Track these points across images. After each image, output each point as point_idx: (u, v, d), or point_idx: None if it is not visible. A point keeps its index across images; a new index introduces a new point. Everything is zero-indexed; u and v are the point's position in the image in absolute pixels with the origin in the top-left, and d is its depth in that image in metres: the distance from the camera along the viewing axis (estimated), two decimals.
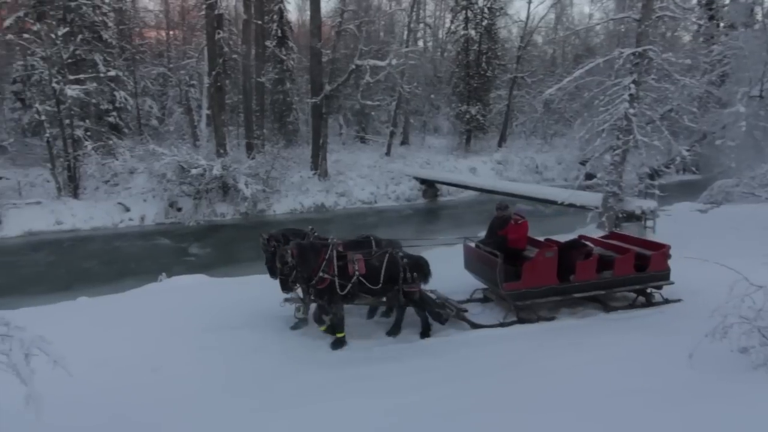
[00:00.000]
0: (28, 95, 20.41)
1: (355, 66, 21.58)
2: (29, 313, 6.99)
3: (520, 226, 7.40)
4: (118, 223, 18.00)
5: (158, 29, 31.34)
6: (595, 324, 7.12)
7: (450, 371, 5.60)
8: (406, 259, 6.59)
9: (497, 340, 6.65)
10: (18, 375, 3.41)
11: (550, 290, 7.08)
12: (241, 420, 4.49)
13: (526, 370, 5.50)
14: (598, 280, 7.26)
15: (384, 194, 22.88)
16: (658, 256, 7.45)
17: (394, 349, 6.43)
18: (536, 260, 6.99)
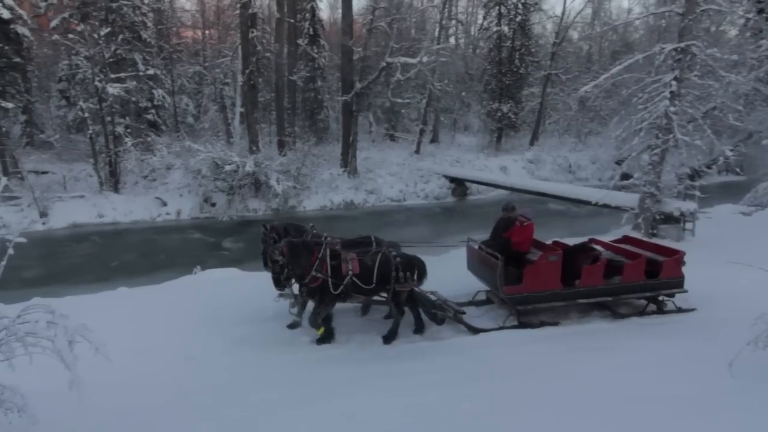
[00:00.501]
0: (72, 93, 21.32)
1: (386, 63, 21.57)
2: (73, 302, 7.29)
3: (525, 228, 7.17)
4: (156, 217, 18.62)
5: (194, 29, 32.19)
6: (627, 328, 6.90)
7: (473, 371, 5.54)
8: (399, 259, 6.49)
9: (524, 341, 6.53)
10: (62, 360, 3.56)
11: (554, 295, 6.87)
12: (264, 412, 4.56)
13: (554, 373, 5.35)
14: (606, 285, 7.01)
15: (413, 192, 22.83)
16: (671, 262, 7.13)
17: (418, 347, 6.43)
18: (539, 264, 6.81)
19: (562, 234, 14.95)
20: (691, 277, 7.26)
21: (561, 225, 17.85)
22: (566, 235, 14.64)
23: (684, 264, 7.16)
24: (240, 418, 4.41)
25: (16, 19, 18.12)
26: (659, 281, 7.10)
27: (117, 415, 4.42)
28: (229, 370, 5.71)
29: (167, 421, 4.39)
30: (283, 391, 5.01)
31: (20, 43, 18.90)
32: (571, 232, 15.66)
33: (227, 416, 4.47)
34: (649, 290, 7.19)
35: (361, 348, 6.50)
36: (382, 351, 6.41)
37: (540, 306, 7.04)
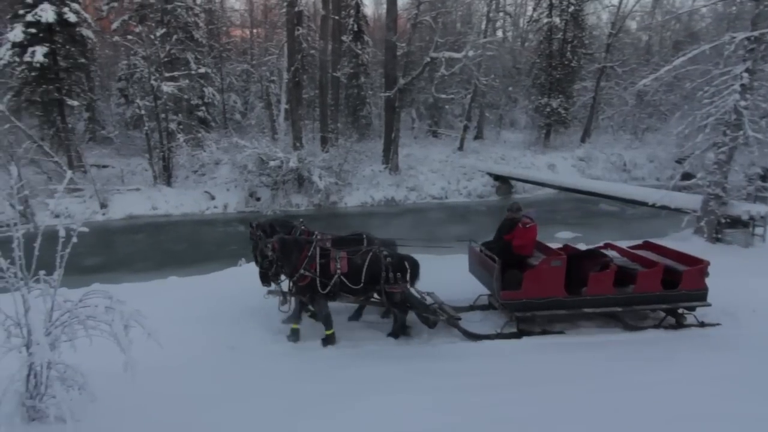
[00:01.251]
0: (130, 92, 22.37)
1: (430, 59, 21.27)
2: (128, 289, 7.61)
3: (527, 230, 6.83)
4: (205, 210, 19.25)
5: (243, 28, 33.07)
6: (686, 338, 6.50)
7: (518, 375, 5.37)
8: (390, 259, 6.27)
9: (572, 348, 6.27)
10: (118, 343, 3.74)
11: (556, 303, 6.47)
12: (303, 404, 4.58)
13: (607, 382, 5.08)
14: (615, 295, 6.56)
15: (455, 190, 22.43)
16: (693, 272, 6.59)
17: (457, 347, 6.34)
18: (540, 269, 6.44)
19: (614, 236, 14.26)
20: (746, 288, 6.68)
21: (613, 227, 17.07)
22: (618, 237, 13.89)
23: (708, 275, 6.61)
24: (278, 410, 4.44)
25: (81, 22, 19.13)
26: (678, 293, 6.59)
27: (165, 397, 4.62)
28: (270, 361, 5.87)
29: (209, 406, 4.52)
30: (321, 385, 5.07)
31: (85, 44, 19.96)
32: (623, 235, 14.89)
33: (266, 406, 4.53)
34: (665, 302, 6.70)
35: (398, 345, 6.49)
36: (420, 349, 6.34)
37: (540, 314, 6.66)
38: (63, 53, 18.64)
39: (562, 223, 17.76)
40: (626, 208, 19.12)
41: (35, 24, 17.38)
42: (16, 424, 3.59)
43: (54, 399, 3.71)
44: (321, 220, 18.65)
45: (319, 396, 4.75)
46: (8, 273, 3.76)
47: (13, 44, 17.36)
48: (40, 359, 3.71)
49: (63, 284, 4.11)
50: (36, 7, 17.39)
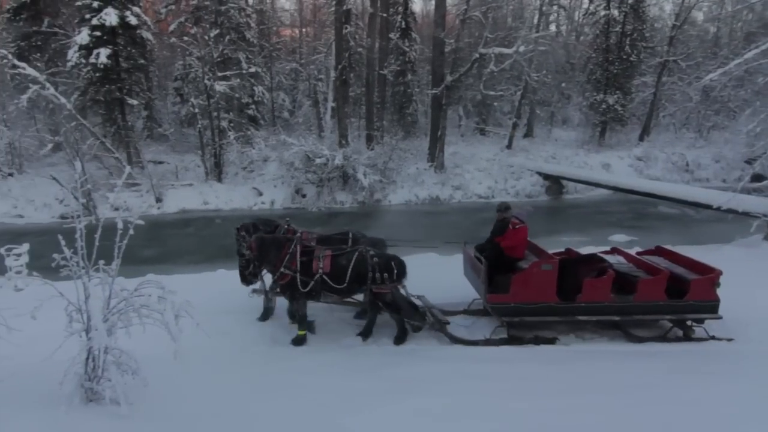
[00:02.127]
0: (185, 91, 23.26)
1: (479, 55, 20.79)
2: (179, 280, 7.92)
3: (516, 232, 6.62)
4: (253, 206, 19.74)
5: (292, 27, 33.72)
6: (748, 349, 6.03)
7: (564, 383, 5.13)
8: (377, 259, 6.13)
9: (621, 357, 5.97)
10: (169, 332, 3.84)
11: (547, 309, 6.18)
12: (350, 400, 4.57)
13: (659, 395, 4.74)
14: (613, 303, 6.22)
15: (502, 189, 21.85)
16: (702, 282, 6.19)
17: (501, 351, 6.19)
18: (529, 272, 6.19)
19: (673, 241, 13.43)
20: None
21: (672, 231, 16.13)
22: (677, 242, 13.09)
23: (719, 285, 6.20)
24: (323, 404, 4.46)
25: (141, 25, 20.08)
26: (685, 303, 6.21)
27: (213, 386, 4.78)
28: (313, 356, 5.96)
29: (254, 397, 4.60)
30: (364, 382, 5.06)
31: (144, 46, 20.94)
32: (683, 239, 14.05)
33: (311, 400, 4.55)
34: (670, 312, 6.32)
35: (440, 345, 6.41)
36: (463, 351, 6.22)
37: (530, 319, 6.33)
38: (124, 55, 19.64)
39: (617, 226, 16.99)
40: (688, 211, 18.01)
41: (100, 27, 18.38)
42: (75, 403, 3.75)
43: (110, 382, 3.85)
44: (364, 218, 18.71)
45: (362, 393, 4.74)
46: (71, 262, 3.93)
47: (80, 47, 18.44)
48: (98, 344, 3.85)
49: (120, 274, 4.27)
50: (101, 11, 18.39)
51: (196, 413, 4.16)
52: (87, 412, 3.79)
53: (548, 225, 18.25)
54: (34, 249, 8.44)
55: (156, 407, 4.07)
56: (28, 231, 15.45)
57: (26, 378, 4.25)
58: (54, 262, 3.93)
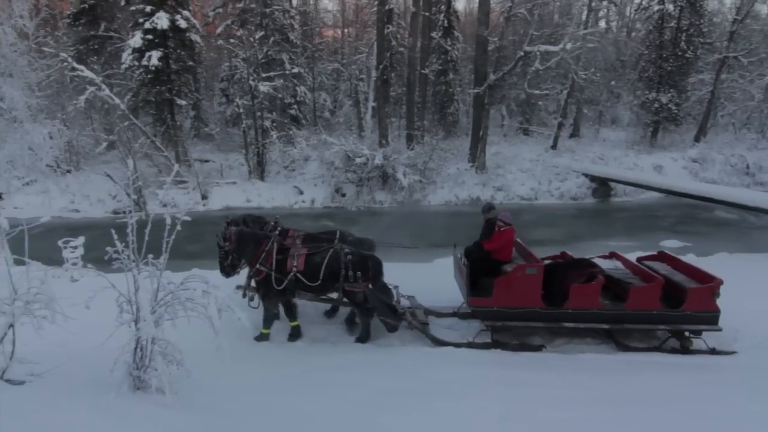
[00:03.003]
0: (231, 91, 23.93)
1: (524, 53, 20.26)
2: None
3: (501, 234, 6.50)
4: (293, 204, 20.04)
5: (335, 28, 34.06)
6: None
7: (613, 393, 4.94)
8: (350, 257, 6.07)
9: (678, 369, 5.72)
10: (212, 326, 3.91)
11: (532, 314, 6.00)
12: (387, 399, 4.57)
13: (725, 412, 4.42)
14: (602, 310, 5.98)
15: (546, 191, 21.21)
16: (700, 291, 5.90)
17: (544, 358, 6.05)
18: (512, 276, 6.05)
19: (730, 248, 12.66)
20: None
21: (729, 237, 15.25)
22: (735, 249, 12.27)
23: (719, 295, 5.92)
24: (361, 402, 4.47)
25: (190, 28, 20.79)
26: (681, 313, 5.93)
27: (253, 379, 4.89)
28: (350, 354, 6.01)
29: (293, 392, 4.67)
30: (402, 382, 5.04)
31: (193, 48, 21.66)
32: (742, 247, 13.23)
33: (349, 398, 4.57)
34: (664, 322, 6.03)
35: (478, 349, 6.29)
36: (500, 356, 6.09)
37: (513, 324, 6.11)
38: (174, 57, 20.39)
39: (669, 231, 16.22)
40: (748, 217, 16.95)
41: (152, 31, 19.16)
42: (123, 390, 3.87)
43: (156, 372, 3.94)
44: (403, 218, 18.60)
45: (400, 393, 4.72)
46: (123, 255, 4.04)
47: (133, 50, 19.28)
48: (146, 334, 3.94)
49: (167, 268, 4.37)
50: (153, 15, 19.18)
51: (235, 406, 4.23)
52: (134, 399, 3.90)
53: (594, 228, 17.59)
54: (88, 242, 8.88)
55: (198, 398, 4.17)
56: (84, 225, 16.28)
57: (80, 364, 4.42)
58: (107, 255, 4.07)
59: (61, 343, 5.40)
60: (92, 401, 3.61)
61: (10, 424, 3.04)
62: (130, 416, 3.53)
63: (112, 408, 3.57)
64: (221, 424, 3.79)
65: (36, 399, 3.63)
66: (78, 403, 3.57)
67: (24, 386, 3.91)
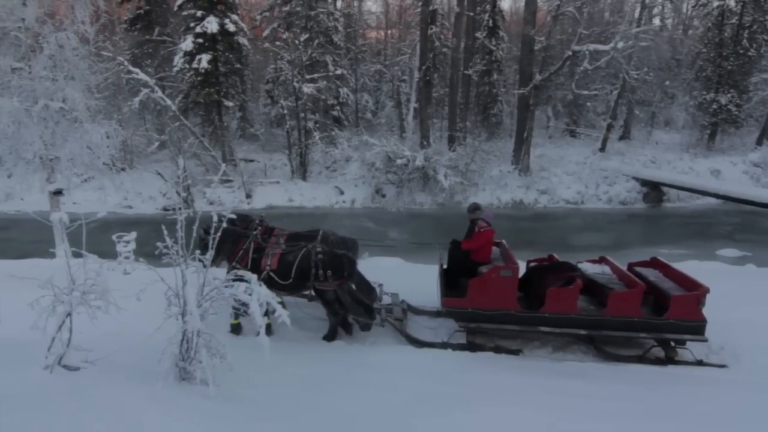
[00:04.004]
0: (275, 93, 24.47)
1: (572, 52, 19.62)
2: None
3: (480, 234, 6.43)
4: (334, 204, 20.27)
5: (378, 29, 34.22)
6: None
7: (660, 407, 4.71)
8: (322, 256, 6.06)
9: (722, 383, 5.41)
10: (254, 321, 4.00)
11: (506, 317, 5.89)
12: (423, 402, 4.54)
13: None
14: (580, 315, 5.83)
15: (593, 195, 20.44)
16: (684, 299, 5.67)
17: (587, 368, 5.84)
18: (486, 278, 5.97)
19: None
20: None
21: None
22: None
23: (703, 304, 5.68)
24: (395, 404, 4.44)
25: (238, 31, 21.44)
26: (664, 321, 5.71)
27: (291, 376, 4.97)
28: (386, 355, 5.96)
29: (326, 389, 4.72)
30: (439, 386, 4.99)
31: (240, 51, 22.33)
32: None
33: (383, 398, 4.55)
34: (646, 330, 5.82)
35: (524, 356, 6.18)
36: (543, 364, 5.93)
37: (487, 326, 5.96)
38: (223, 60, 21.08)
39: (726, 239, 15.33)
40: None
41: (202, 35, 19.90)
42: (170, 380, 4.00)
43: (200, 364, 4.05)
44: (443, 219, 18.42)
45: (434, 396, 4.67)
46: (172, 250, 4.17)
47: (185, 53, 20.09)
48: (192, 327, 4.05)
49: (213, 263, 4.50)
50: (203, 20, 19.91)
51: (273, 400, 4.29)
52: (179, 389, 4.02)
53: (644, 235, 16.82)
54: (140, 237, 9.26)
55: (240, 391, 4.26)
56: (136, 221, 17.10)
57: (130, 353, 4.61)
58: (157, 250, 4.22)
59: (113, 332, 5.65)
60: (141, 389, 3.74)
61: (67, 407, 3.19)
62: (176, 406, 3.63)
63: (159, 397, 3.68)
64: (261, 418, 3.84)
65: (90, 384, 3.81)
66: (128, 391, 3.71)
67: (79, 372, 4.10)
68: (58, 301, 4.12)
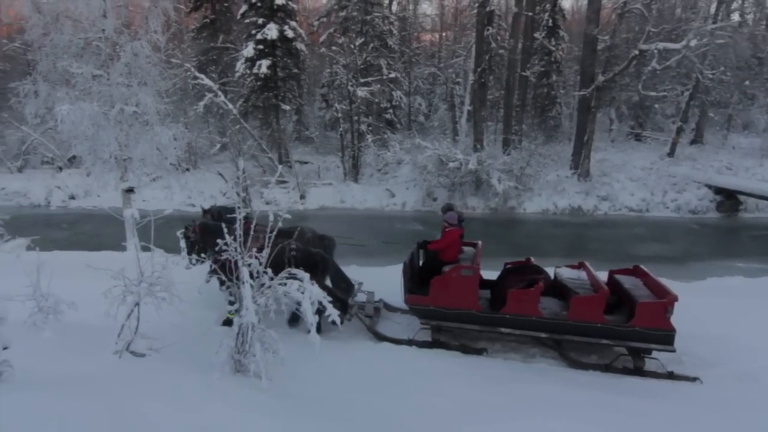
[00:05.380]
0: (330, 97, 25.00)
1: (639, 51, 18.60)
2: None
3: (446, 234, 6.54)
4: (384, 206, 20.37)
5: (432, 32, 34.08)
6: None
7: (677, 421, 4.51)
8: (294, 253, 6.14)
9: None
10: (306, 320, 4.12)
11: (468, 316, 5.93)
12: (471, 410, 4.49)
13: None
14: (541, 318, 5.80)
15: (660, 202, 19.25)
16: (649, 307, 5.50)
17: (641, 383, 5.63)
18: (447, 276, 6.05)
19: None
20: None
21: None
22: None
23: (671, 313, 5.45)
24: (442, 410, 4.42)
25: (297, 37, 22.08)
26: (628, 329, 5.58)
27: (340, 374, 5.03)
28: (436, 361, 5.90)
29: (373, 390, 4.75)
30: (488, 395, 4.91)
31: (298, 56, 22.97)
32: None
33: (431, 404, 4.53)
34: (609, 336, 5.70)
35: (573, 369, 5.94)
36: (595, 378, 5.70)
37: (448, 325, 6.11)
38: (281, 65, 21.77)
39: None
40: None
41: (263, 41, 20.66)
42: (226, 371, 4.17)
43: (254, 357, 4.18)
44: (495, 224, 18.02)
45: (484, 405, 4.59)
46: (231, 247, 4.34)
47: (246, 59, 20.94)
48: (248, 322, 4.18)
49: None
50: (264, 27, 20.67)
51: (322, 397, 4.35)
52: (234, 381, 4.18)
53: (717, 246, 15.66)
54: None
55: (291, 386, 4.38)
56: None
57: (190, 343, 4.84)
58: (217, 247, 4.38)
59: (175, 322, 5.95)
60: (199, 378, 3.91)
61: (134, 392, 3.38)
62: (231, 396, 3.76)
63: (215, 386, 3.84)
64: (309, 414, 3.91)
65: (155, 371, 4.04)
66: (188, 379, 3.89)
67: (145, 358, 4.36)
68: (128, 291, 4.40)
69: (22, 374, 3.18)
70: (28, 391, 2.87)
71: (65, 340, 4.61)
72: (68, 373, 3.63)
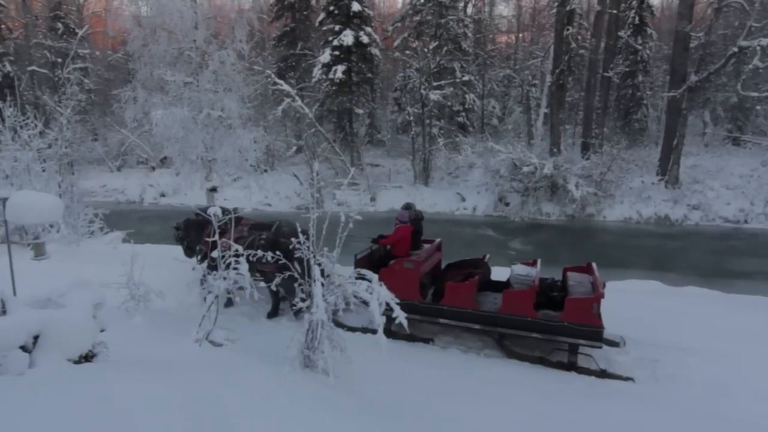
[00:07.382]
0: (403, 100, 25.16)
1: (738, 48, 16.87)
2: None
3: (396, 230, 6.88)
4: (455, 210, 20.12)
5: (509, 33, 33.22)
6: None
7: None
8: (263, 242, 6.42)
9: None
10: (373, 320, 4.22)
11: (410, 306, 5.86)
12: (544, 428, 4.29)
13: None
14: (475, 310, 6.13)
15: (761, 213, 17.31)
16: (578, 302, 5.61)
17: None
18: (391, 269, 6.40)
19: None
20: None
21: None
22: None
23: (597, 310, 5.48)
24: (513, 423, 4.29)
25: (371, 42, 22.51)
26: (557, 323, 5.74)
27: (403, 376, 5.08)
28: (504, 371, 5.76)
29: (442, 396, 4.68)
30: (571, 413, 4.67)
31: (372, 61, 23.41)
32: None
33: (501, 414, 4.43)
34: (539, 330, 5.85)
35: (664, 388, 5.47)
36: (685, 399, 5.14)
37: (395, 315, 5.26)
38: (356, 70, 22.29)
39: None
40: None
41: (339, 47, 21.28)
42: (295, 366, 4.32)
43: (323, 354, 4.29)
44: (572, 232, 17.14)
45: (559, 422, 4.37)
46: (303, 246, 4.49)
47: (323, 65, 21.67)
48: (318, 319, 4.31)
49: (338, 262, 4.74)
50: (340, 33, 21.28)
51: (387, 398, 4.34)
52: (303, 375, 4.31)
53: None
54: None
55: (357, 384, 4.42)
56: (274, 217, 18.80)
57: (263, 336, 5.07)
58: (291, 245, 4.55)
59: (249, 315, 6.28)
60: (270, 370, 4.08)
61: (211, 379, 3.60)
62: (299, 390, 3.88)
63: (285, 379, 3.98)
64: (375, 414, 3.92)
65: (230, 360, 4.27)
66: (259, 370, 4.07)
67: (222, 348, 4.63)
68: (209, 285, 4.71)
69: (115, 355, 3.49)
70: (119, 371, 3.14)
71: (153, 326, 5.03)
72: (154, 356, 3.94)
